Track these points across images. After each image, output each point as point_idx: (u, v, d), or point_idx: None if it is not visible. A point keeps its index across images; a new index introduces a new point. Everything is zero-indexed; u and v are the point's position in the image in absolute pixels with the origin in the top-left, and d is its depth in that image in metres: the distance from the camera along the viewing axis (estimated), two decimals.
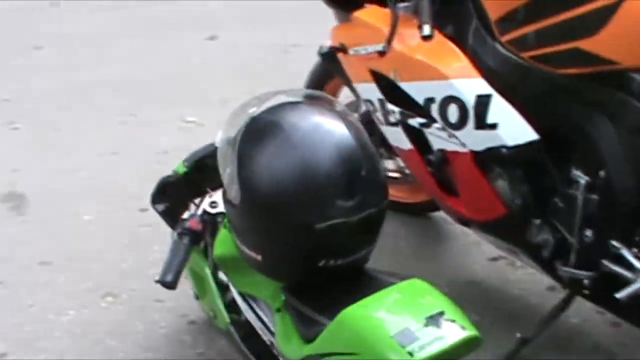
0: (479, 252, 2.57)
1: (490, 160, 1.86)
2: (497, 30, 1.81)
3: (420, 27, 1.81)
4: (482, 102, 1.78)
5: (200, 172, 1.84)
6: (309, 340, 1.28)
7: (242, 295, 1.70)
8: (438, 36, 1.87)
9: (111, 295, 2.40)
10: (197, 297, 2.08)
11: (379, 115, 2.12)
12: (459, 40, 1.90)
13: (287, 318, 1.37)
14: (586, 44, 1.61)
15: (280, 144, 1.28)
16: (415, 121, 1.98)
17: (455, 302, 1.25)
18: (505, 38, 1.78)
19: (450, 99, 1.84)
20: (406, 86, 1.97)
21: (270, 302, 1.52)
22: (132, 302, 2.37)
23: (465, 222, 2.12)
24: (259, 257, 1.36)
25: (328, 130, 1.31)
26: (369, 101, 2.15)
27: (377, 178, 1.33)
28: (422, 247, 2.67)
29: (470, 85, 1.80)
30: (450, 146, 1.92)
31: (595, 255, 1.79)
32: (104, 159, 3.29)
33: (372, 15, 2.12)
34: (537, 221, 1.88)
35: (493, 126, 1.78)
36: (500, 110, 1.77)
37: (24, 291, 2.45)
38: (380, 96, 2.08)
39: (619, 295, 1.68)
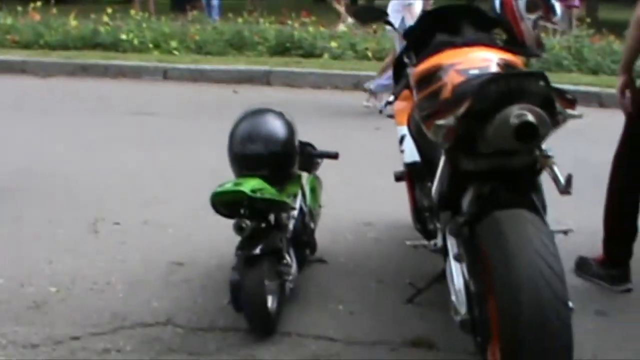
0: None
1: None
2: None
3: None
4: (402, 138, 3.16)
5: None
6: None
7: None
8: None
9: None
10: None
11: None
12: None
13: None
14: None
15: (238, 123, 3.01)
16: None
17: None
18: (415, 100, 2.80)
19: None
20: None
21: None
22: None
23: None
24: None
25: (260, 122, 3.03)
26: None
27: (276, 150, 2.95)
28: None
29: (401, 129, 3.17)
30: None
31: None
32: None
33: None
34: (427, 214, 2.96)
35: (403, 151, 3.13)
36: (407, 143, 3.09)
37: None
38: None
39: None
